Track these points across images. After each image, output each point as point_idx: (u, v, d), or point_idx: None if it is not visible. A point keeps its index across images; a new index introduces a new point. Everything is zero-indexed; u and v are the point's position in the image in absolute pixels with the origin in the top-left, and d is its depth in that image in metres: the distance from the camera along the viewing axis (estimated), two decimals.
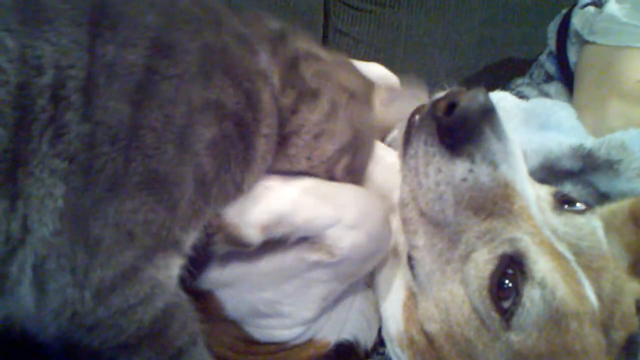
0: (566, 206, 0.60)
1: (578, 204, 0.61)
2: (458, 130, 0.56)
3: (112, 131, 0.43)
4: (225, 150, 0.49)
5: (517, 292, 0.53)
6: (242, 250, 0.55)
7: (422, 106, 0.61)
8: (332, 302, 0.62)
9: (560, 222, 0.59)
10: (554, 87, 1.09)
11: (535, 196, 0.59)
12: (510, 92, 1.06)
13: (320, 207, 0.55)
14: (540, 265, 0.54)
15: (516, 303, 0.53)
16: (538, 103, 0.96)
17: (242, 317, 0.60)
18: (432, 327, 0.57)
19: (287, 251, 0.57)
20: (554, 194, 0.62)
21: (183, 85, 0.47)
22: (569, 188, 0.81)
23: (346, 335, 0.64)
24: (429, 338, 0.58)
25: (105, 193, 0.43)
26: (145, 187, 0.45)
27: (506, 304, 0.53)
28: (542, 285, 0.53)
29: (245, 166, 0.51)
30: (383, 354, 0.65)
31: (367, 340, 0.66)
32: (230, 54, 0.51)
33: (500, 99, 0.94)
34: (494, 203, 0.56)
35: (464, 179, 0.56)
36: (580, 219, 0.59)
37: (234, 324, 0.60)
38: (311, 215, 0.55)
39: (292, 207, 0.54)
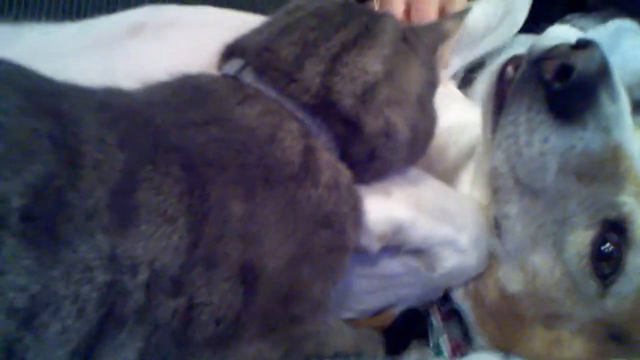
0: None
1: None
2: (572, 98, 0.51)
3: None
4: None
5: (619, 259, 0.51)
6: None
7: (516, 58, 0.55)
8: None
9: None
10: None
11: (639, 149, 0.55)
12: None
13: (438, 226, 0.53)
14: None
15: (618, 271, 0.51)
16: (602, 29, 0.86)
17: None
18: (514, 288, 0.56)
19: (394, 255, 0.55)
20: None
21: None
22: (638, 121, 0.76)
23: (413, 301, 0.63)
24: (507, 296, 0.57)
25: None
26: None
27: (607, 271, 0.51)
28: None
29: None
30: None
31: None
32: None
33: (562, 33, 0.87)
34: (600, 167, 0.52)
35: (573, 147, 0.52)
36: None
37: None
38: (428, 232, 0.52)
39: (411, 220, 0.51)
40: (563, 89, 0.50)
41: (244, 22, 0.63)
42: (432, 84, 0.52)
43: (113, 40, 0.61)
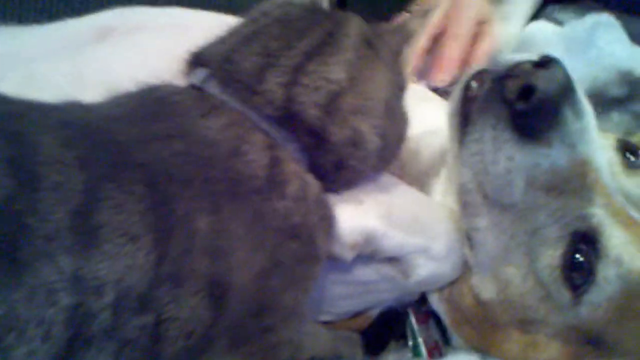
0: (631, 157, 0.57)
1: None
2: (536, 117, 0.50)
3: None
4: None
5: (590, 270, 0.51)
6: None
7: (480, 73, 0.54)
8: None
9: (633, 184, 0.56)
10: None
11: (608, 161, 0.56)
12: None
13: (410, 236, 0.53)
14: (615, 240, 0.52)
15: (589, 282, 0.51)
16: (578, 24, 0.85)
17: None
18: (487, 296, 0.56)
19: (368, 262, 0.55)
20: (618, 144, 0.59)
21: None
22: (616, 118, 0.76)
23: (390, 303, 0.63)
24: (481, 303, 0.57)
25: None
26: None
27: (578, 281, 0.51)
28: (618, 262, 0.51)
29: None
30: None
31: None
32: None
33: (539, 29, 0.88)
34: (568, 182, 0.52)
35: (539, 164, 0.52)
36: None
37: None
38: (400, 240, 0.52)
39: (383, 229, 0.51)
40: (526, 109, 0.50)
41: (216, 24, 0.62)
42: (399, 87, 0.52)
43: (82, 44, 0.60)
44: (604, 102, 0.77)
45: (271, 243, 0.42)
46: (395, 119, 0.50)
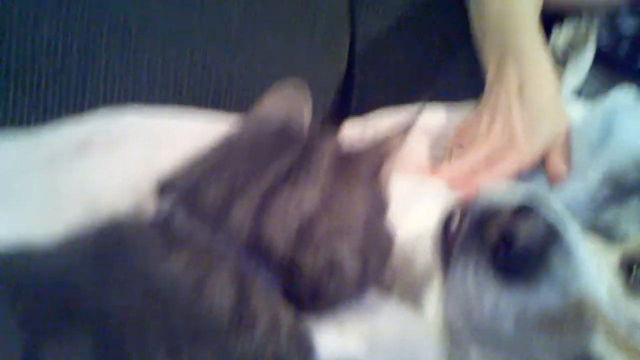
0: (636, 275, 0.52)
1: None
2: (519, 265, 0.48)
3: None
4: None
5: None
6: None
7: (461, 209, 0.52)
8: None
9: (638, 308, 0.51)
10: None
11: (608, 289, 0.51)
12: None
13: None
14: None
15: None
16: (599, 110, 0.82)
17: None
18: None
19: None
20: (623, 259, 0.54)
21: None
22: (634, 206, 0.72)
23: None
24: None
25: None
26: None
27: None
28: None
29: None
30: None
31: None
32: None
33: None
34: (562, 321, 0.49)
35: (527, 308, 0.48)
36: None
37: None
38: None
39: (364, 357, 0.47)
40: (507, 258, 0.47)
41: (201, 132, 0.61)
42: (380, 206, 0.49)
43: (61, 157, 0.59)
44: (622, 189, 0.74)
45: None
46: (376, 239, 0.48)
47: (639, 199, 0.72)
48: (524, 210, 0.48)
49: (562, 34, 0.92)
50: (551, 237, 0.48)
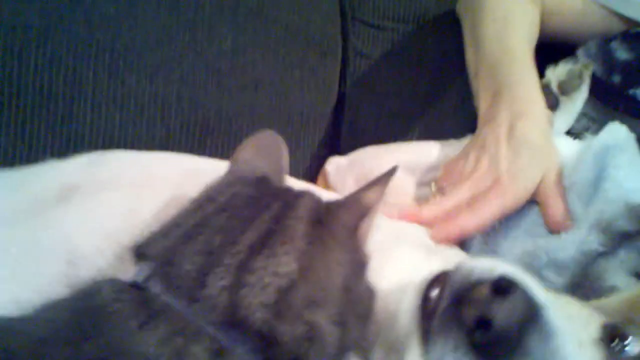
0: (618, 345, 0.51)
1: (628, 344, 0.51)
2: (497, 347, 0.46)
3: None
4: None
5: None
6: None
7: (437, 281, 0.52)
8: None
9: None
10: None
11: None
12: None
13: None
14: None
15: None
16: (589, 148, 0.80)
17: None
18: None
19: None
20: (604, 331, 0.53)
21: None
22: (622, 256, 0.71)
23: None
24: None
25: None
26: None
27: None
28: None
29: None
30: None
31: None
32: None
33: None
34: None
35: None
36: None
37: None
38: None
39: None
40: (485, 340, 0.46)
41: (186, 177, 0.60)
42: (359, 265, 0.48)
43: (43, 205, 0.58)
44: (613, 237, 0.72)
45: None
46: (355, 301, 0.47)
47: (626, 250, 0.71)
48: (503, 286, 0.47)
49: (556, 73, 0.91)
50: (530, 318, 0.47)
